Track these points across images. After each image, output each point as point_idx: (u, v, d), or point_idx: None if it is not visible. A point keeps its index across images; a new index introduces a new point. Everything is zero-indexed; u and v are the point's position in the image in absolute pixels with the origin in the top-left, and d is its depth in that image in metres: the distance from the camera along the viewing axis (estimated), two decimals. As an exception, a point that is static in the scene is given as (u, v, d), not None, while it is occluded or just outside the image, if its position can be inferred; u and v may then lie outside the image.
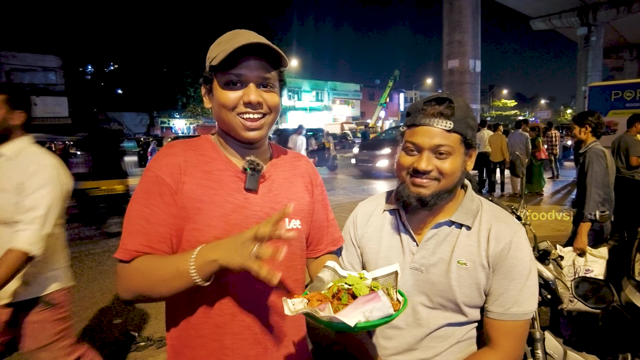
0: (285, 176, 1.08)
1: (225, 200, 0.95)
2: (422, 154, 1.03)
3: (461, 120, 1.02)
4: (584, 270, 2.62)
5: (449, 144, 1.01)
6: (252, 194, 0.99)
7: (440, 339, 1.09)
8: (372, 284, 0.87)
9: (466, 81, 13.78)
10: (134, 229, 0.91)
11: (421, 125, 1.03)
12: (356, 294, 0.82)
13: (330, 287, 0.88)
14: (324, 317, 0.75)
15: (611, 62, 31.72)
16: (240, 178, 0.99)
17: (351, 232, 1.26)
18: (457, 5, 13.52)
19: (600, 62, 23.29)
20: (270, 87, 0.97)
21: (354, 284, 0.85)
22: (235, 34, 0.97)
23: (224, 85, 0.95)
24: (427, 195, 1.04)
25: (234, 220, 0.95)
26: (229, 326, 0.96)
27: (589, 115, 3.36)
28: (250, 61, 0.93)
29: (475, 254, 1.06)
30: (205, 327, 0.97)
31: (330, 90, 44.58)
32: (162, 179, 0.93)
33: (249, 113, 0.95)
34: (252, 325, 0.98)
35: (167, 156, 0.97)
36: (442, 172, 1.03)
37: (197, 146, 1.02)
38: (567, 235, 5.64)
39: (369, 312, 0.75)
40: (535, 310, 1.07)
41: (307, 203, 1.11)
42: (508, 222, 1.09)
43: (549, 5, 21.39)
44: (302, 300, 0.83)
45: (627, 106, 9.60)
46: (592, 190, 3.06)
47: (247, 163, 0.99)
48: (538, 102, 67.86)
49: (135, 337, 3.30)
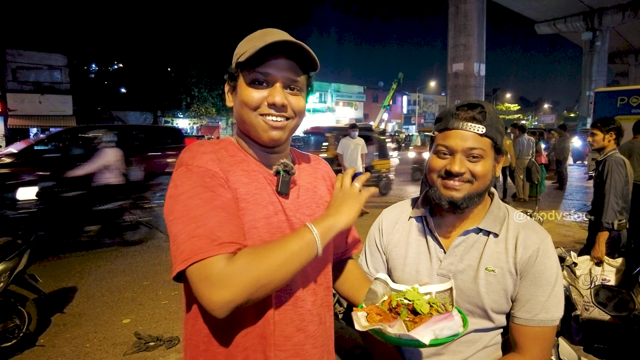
0: (308, 180, 1.06)
1: (268, 202, 0.91)
2: (454, 157, 1.04)
3: (492, 126, 1.04)
4: (601, 280, 2.61)
5: (481, 147, 1.03)
6: (283, 198, 0.95)
7: (467, 344, 1.10)
8: (431, 300, 0.88)
9: (471, 84, 13.77)
10: (216, 221, 0.77)
11: (454, 129, 1.04)
12: (417, 310, 0.84)
13: (386, 301, 0.90)
14: (394, 334, 0.78)
15: (616, 67, 31.66)
16: (271, 181, 0.95)
17: (377, 239, 1.27)
18: (463, 9, 13.53)
19: (605, 67, 23.26)
20: (297, 90, 0.92)
21: (414, 300, 0.86)
22: (267, 32, 0.92)
23: (249, 84, 0.89)
24: (459, 198, 1.05)
25: (277, 223, 0.91)
26: (272, 337, 0.90)
27: (613, 122, 3.27)
28: (280, 60, 0.88)
29: (503, 261, 1.07)
30: (249, 338, 0.89)
31: (334, 91, 44.56)
32: (213, 171, 0.85)
33: (272, 115, 0.89)
34: (291, 335, 0.93)
35: (204, 153, 0.89)
36: (474, 174, 1.04)
37: (223, 147, 0.96)
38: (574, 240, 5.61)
39: (440, 330, 0.77)
40: (561, 316, 1.08)
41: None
42: (536, 229, 1.10)
43: (555, 9, 21.38)
44: (363, 314, 0.86)
45: (633, 112, 9.60)
46: (611, 199, 3.02)
47: (282, 165, 0.95)
48: (542, 107, 67.67)
49: (145, 337, 3.32)
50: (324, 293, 1.02)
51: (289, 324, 0.92)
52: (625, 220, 3.09)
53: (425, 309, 0.84)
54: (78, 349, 3.23)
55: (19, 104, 21.73)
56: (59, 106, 23.25)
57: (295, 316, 0.93)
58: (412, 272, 1.16)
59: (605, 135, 3.27)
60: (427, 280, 1.12)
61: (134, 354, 3.13)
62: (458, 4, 13.60)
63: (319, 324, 0.98)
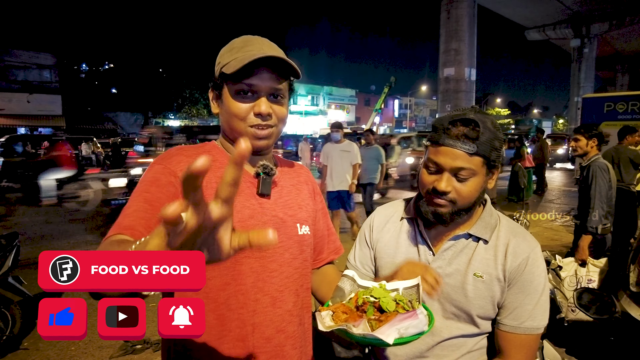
0: (292, 183, 1.09)
1: (242, 206, 0.94)
2: (442, 175, 1.03)
3: (485, 143, 1.01)
4: (586, 281, 2.66)
5: (470, 167, 1.01)
6: (265, 199, 0.98)
7: (451, 348, 1.10)
8: (397, 297, 0.87)
9: (461, 89, 13.95)
10: (132, 209, 0.84)
11: (444, 146, 1.02)
12: (383, 308, 0.83)
13: (353, 298, 0.88)
14: (358, 334, 0.77)
15: (603, 74, 32.20)
16: (252, 184, 0.98)
17: (366, 234, 1.27)
18: (455, 14, 13.71)
19: (592, 74, 23.67)
20: (280, 97, 0.97)
21: (381, 297, 0.85)
22: (248, 41, 0.96)
23: (234, 95, 0.94)
24: (445, 213, 1.05)
25: (251, 226, 0.93)
26: (250, 339, 0.92)
27: (595, 128, 3.35)
28: (264, 73, 0.92)
29: (492, 267, 1.07)
30: (225, 341, 0.91)
31: (326, 94, 44.66)
32: (172, 170, 0.91)
33: (260, 126, 0.94)
34: (272, 337, 0.95)
35: (179, 155, 0.95)
36: (459, 194, 1.04)
37: (206, 151, 1.00)
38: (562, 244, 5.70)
39: (404, 329, 0.77)
40: (546, 324, 1.09)
41: (312, 210, 1.11)
42: (526, 238, 1.11)
43: (544, 16, 21.74)
44: (328, 312, 0.84)
45: (619, 118, 9.79)
46: (595, 204, 3.08)
47: (261, 168, 0.98)
48: (531, 112, 68.56)
49: (132, 341, 3.28)
50: (304, 294, 1.04)
51: (269, 325, 0.94)
52: (609, 224, 3.15)
53: (391, 306, 0.83)
54: (63, 352, 3.18)
55: (7, 103, 21.45)
56: (47, 106, 22.98)
57: (275, 317, 0.95)
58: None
59: (588, 141, 3.33)
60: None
61: (121, 357, 3.10)
62: (449, 10, 13.77)
63: (299, 324, 1.00)
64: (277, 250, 0.97)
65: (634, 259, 2.30)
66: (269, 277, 0.95)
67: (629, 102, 9.99)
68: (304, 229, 1.05)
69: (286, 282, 0.97)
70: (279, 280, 0.96)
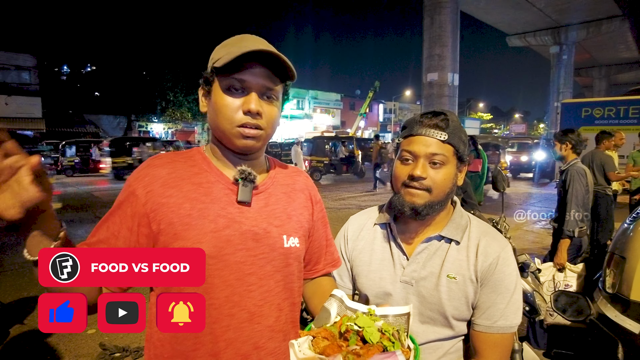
0: (284, 191, 1.02)
1: (217, 215, 0.88)
2: (417, 162, 1.07)
3: (455, 134, 1.08)
4: (564, 285, 2.70)
5: (443, 154, 1.06)
6: (246, 207, 0.92)
7: (429, 350, 1.11)
8: (383, 326, 0.82)
9: (445, 94, 14.14)
10: (99, 227, 0.89)
11: (418, 135, 1.08)
12: (366, 339, 0.78)
13: (337, 322, 0.84)
14: None
15: (581, 80, 33.17)
16: (232, 190, 0.92)
17: (342, 246, 1.27)
18: (438, 20, 13.92)
19: (571, 80, 24.39)
20: (272, 99, 0.92)
21: (365, 327, 0.80)
22: (244, 38, 0.92)
23: (225, 90, 0.88)
24: (420, 204, 1.07)
25: (226, 236, 0.88)
26: (224, 355, 0.87)
27: (570, 132, 3.42)
28: (256, 68, 0.87)
29: (464, 268, 1.09)
30: (199, 354, 0.87)
31: (312, 98, 44.74)
32: (135, 195, 0.88)
33: (248, 125, 0.88)
34: (249, 354, 0.90)
35: (149, 167, 0.92)
36: (434, 182, 1.07)
37: (188, 157, 0.96)
38: (542, 247, 5.81)
39: None
40: (519, 323, 1.11)
41: (306, 220, 1.04)
42: (496, 237, 1.13)
43: (524, 23, 22.33)
44: (308, 338, 0.79)
45: (596, 123, 10.11)
46: (572, 207, 3.15)
47: (239, 173, 0.92)
48: (513, 116, 70.00)
49: (110, 348, 3.21)
50: (290, 309, 0.98)
51: (246, 341, 0.89)
52: (586, 227, 3.23)
53: (375, 337, 0.78)
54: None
55: (-17, 105, 20.88)
56: (27, 108, 22.47)
57: (253, 333, 0.90)
58: (375, 279, 1.17)
59: (561, 145, 3.42)
60: (391, 287, 1.13)
61: (99, 366, 3.02)
62: (433, 15, 13.97)
63: (283, 340, 0.94)
64: (256, 263, 0.90)
65: (610, 261, 2.36)
66: (247, 291, 0.89)
67: (605, 108, 10.33)
68: (292, 240, 0.97)
69: (266, 297, 0.92)
70: (258, 295, 0.90)
